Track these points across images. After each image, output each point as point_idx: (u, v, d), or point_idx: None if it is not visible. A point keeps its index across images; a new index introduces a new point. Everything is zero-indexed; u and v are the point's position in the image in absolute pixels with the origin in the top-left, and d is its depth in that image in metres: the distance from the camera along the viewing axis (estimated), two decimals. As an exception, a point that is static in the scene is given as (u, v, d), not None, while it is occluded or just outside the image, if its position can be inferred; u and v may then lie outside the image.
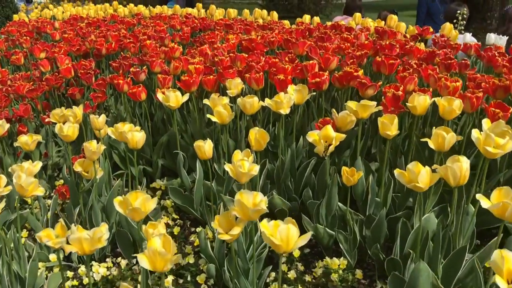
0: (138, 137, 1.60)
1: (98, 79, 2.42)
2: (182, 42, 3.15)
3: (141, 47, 2.96)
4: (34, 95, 2.37)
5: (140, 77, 2.31)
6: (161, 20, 3.87)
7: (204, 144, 1.50)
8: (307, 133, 1.46)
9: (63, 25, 4.17)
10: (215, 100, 1.76)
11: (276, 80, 1.82)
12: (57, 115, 2.02)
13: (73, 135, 1.77)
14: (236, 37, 2.97)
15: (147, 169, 2.30)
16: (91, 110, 2.27)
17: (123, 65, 2.55)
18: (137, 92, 2.10)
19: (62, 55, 2.83)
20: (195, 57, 2.45)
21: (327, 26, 3.15)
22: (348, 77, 1.80)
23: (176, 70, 2.30)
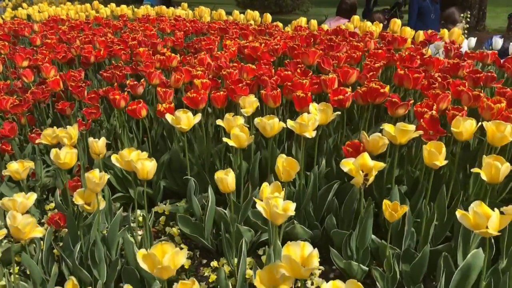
0: (149, 167, 1.42)
1: (90, 92, 2.21)
2: (175, 47, 2.96)
3: (132, 54, 2.76)
4: (19, 110, 2.15)
5: (138, 91, 2.12)
6: (149, 23, 3.65)
7: (227, 176, 1.33)
8: (325, 152, 1.32)
9: (42, 28, 3.90)
10: (230, 121, 1.60)
11: (295, 98, 1.67)
12: (49, 136, 1.82)
13: (71, 162, 1.58)
14: (234, 43, 2.79)
15: (147, 191, 2.11)
16: (84, 127, 2.06)
17: (116, 76, 2.34)
18: (137, 109, 1.92)
19: (47, 64, 2.60)
20: (194, 67, 2.27)
21: (329, 31, 3.00)
22: (374, 94, 1.66)
23: (178, 83, 2.11)
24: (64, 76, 2.41)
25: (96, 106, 2.08)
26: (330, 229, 1.62)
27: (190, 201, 1.72)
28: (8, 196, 2.09)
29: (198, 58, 2.38)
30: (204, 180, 1.92)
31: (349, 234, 1.52)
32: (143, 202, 2.10)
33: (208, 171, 1.96)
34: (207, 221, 1.70)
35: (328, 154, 1.82)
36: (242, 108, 1.70)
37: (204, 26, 3.38)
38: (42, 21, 4.61)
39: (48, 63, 2.71)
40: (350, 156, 1.47)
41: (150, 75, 2.15)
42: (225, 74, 1.93)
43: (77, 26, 3.60)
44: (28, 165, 1.63)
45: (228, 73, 1.92)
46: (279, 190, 1.25)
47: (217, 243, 1.79)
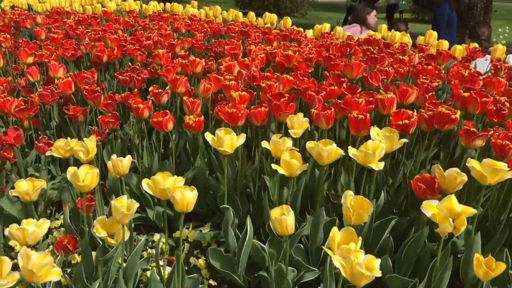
0: (189, 198, 1.19)
1: (105, 97, 1.98)
2: (194, 51, 2.73)
3: (147, 56, 2.53)
4: (25, 115, 1.90)
5: (163, 100, 1.88)
6: (163, 21, 3.41)
7: (287, 217, 1.11)
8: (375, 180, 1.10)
9: (45, 20, 3.64)
10: (278, 144, 1.37)
11: (352, 119, 1.45)
12: (61, 148, 1.58)
13: (91, 185, 1.34)
14: (259, 48, 2.57)
15: (168, 213, 1.88)
16: (100, 138, 1.83)
17: (135, 80, 2.11)
18: (163, 121, 1.68)
19: (54, 62, 2.35)
20: (223, 74, 2.04)
21: (360, 40, 2.79)
22: (443, 119, 1.44)
23: (207, 93, 1.89)
24: (75, 77, 2.17)
25: (114, 115, 1.85)
26: (384, 273, 1.40)
27: (225, 233, 1.50)
28: (10, 211, 1.86)
29: (225, 64, 2.15)
30: (235, 205, 1.69)
31: (414, 283, 1.31)
32: (162, 224, 1.89)
33: (240, 194, 1.74)
34: (243, 256, 1.47)
35: (380, 184, 1.60)
36: (290, 129, 1.48)
37: (222, 28, 3.15)
38: (44, 12, 4.34)
39: (55, 60, 2.46)
40: (423, 194, 1.26)
41: (175, 82, 1.92)
42: (263, 87, 1.71)
43: (85, 20, 3.35)
44: (39, 184, 1.39)
45: (268, 85, 1.70)
46: (354, 239, 1.03)
47: (250, 280, 1.57)
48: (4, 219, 1.87)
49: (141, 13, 3.99)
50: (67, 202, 1.95)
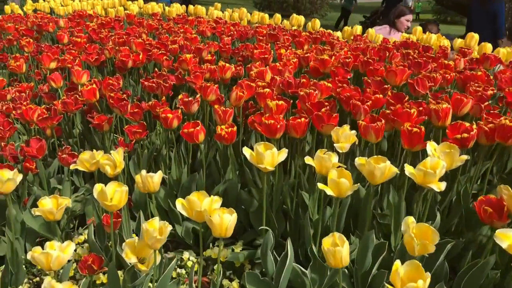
0: (228, 222, 1.07)
1: (132, 105, 1.87)
2: (222, 55, 2.62)
3: (173, 61, 2.42)
4: (48, 124, 1.81)
5: (193, 109, 1.77)
6: (188, 24, 3.30)
7: (342, 249, 0.97)
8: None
9: (67, 23, 3.57)
10: (324, 161, 1.24)
11: (405, 133, 1.31)
12: (87, 161, 1.48)
13: (120, 204, 1.23)
14: (290, 52, 2.44)
15: (197, 229, 1.76)
16: (126, 149, 1.72)
17: (162, 87, 2.00)
18: (194, 133, 1.57)
19: (78, 67, 2.26)
20: (255, 81, 1.92)
21: (397, 43, 2.64)
22: (507, 133, 1.29)
23: (239, 101, 1.76)
24: (99, 83, 2.07)
25: (142, 124, 1.74)
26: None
27: (264, 257, 1.37)
28: (32, 226, 1.77)
29: (256, 70, 2.03)
30: (271, 223, 1.57)
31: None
32: (191, 241, 1.77)
33: (276, 211, 1.61)
34: (282, 281, 1.34)
35: (432, 202, 1.46)
36: (335, 142, 1.34)
37: (249, 30, 3.03)
38: (66, 15, 4.29)
39: (78, 66, 2.37)
40: (489, 219, 1.11)
41: (206, 90, 1.80)
42: (302, 95, 1.58)
43: (108, 23, 3.26)
44: (64, 202, 1.28)
45: (307, 93, 1.57)
46: (421, 275, 0.90)
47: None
48: (26, 233, 1.78)
49: (164, 16, 3.90)
50: (91, 215, 1.85)
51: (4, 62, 3.09)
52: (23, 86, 2.46)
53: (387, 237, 1.48)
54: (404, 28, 4.04)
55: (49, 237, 1.78)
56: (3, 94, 2.33)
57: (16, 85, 2.56)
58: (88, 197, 1.98)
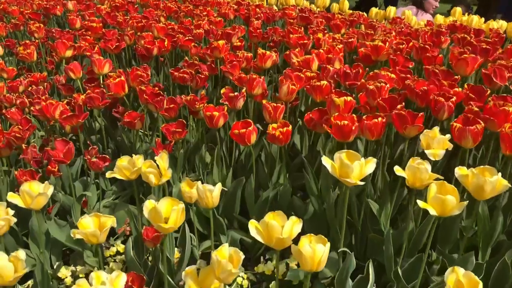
0: (322, 254, 0.87)
1: (167, 100, 1.65)
2: (252, 40, 2.39)
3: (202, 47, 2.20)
4: (73, 123, 1.59)
5: (238, 104, 1.56)
6: (209, 6, 3.06)
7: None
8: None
9: (76, 6, 3.32)
10: (418, 172, 1.04)
11: (507, 137, 1.10)
12: (126, 169, 1.28)
13: (177, 225, 1.03)
14: (329, 37, 2.22)
15: (245, 240, 1.57)
16: (165, 151, 1.51)
17: (197, 78, 1.78)
18: (246, 134, 1.36)
19: (98, 56, 2.04)
20: (301, 71, 1.71)
21: (442, 25, 2.42)
22: None
23: (291, 95, 1.56)
24: (125, 75, 1.85)
25: (181, 122, 1.53)
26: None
27: (341, 284, 1.17)
28: (58, 238, 1.57)
29: (302, 58, 1.81)
30: (335, 236, 1.37)
31: None
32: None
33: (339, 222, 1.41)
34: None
35: None
36: (425, 148, 1.14)
37: (277, 13, 2.80)
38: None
39: (98, 54, 2.15)
40: None
41: (251, 82, 1.59)
42: (371, 89, 1.36)
43: (122, 6, 3.02)
44: (108, 223, 1.08)
45: (378, 87, 1.35)
46: None
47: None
48: (52, 245, 1.59)
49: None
50: (121, 222, 1.66)
51: (11, 49, 2.86)
52: (35, 76, 2.24)
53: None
54: (432, 8, 3.81)
55: (78, 249, 1.59)
56: (15, 85, 2.10)
57: (28, 75, 2.33)
58: (117, 201, 1.79)
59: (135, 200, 1.85)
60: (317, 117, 1.40)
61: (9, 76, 2.30)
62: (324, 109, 1.43)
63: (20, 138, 1.56)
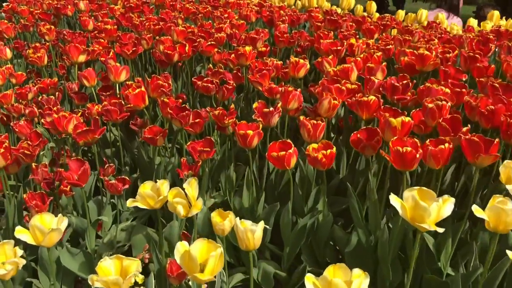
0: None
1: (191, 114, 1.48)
2: (278, 45, 2.22)
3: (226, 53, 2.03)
4: (89, 138, 1.43)
5: (273, 121, 1.39)
6: (229, 7, 2.89)
7: None
8: None
9: (87, 6, 3.16)
10: (503, 213, 0.87)
11: None
12: (150, 198, 1.11)
13: (214, 273, 0.86)
14: (363, 43, 2.05)
15: (279, 273, 1.39)
16: (190, 172, 1.35)
17: (224, 90, 1.61)
18: (286, 157, 1.19)
19: (114, 62, 1.88)
20: (336, 80, 1.54)
21: (484, 32, 2.24)
22: None
23: (333, 111, 1.38)
24: (144, 83, 1.69)
25: (208, 141, 1.36)
26: None
27: None
28: (69, 267, 1.41)
29: (340, 67, 1.64)
30: (385, 274, 1.20)
31: None
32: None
33: (392, 259, 1.24)
34: None
35: None
36: (506, 183, 0.96)
37: (302, 15, 2.62)
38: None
39: (113, 59, 1.99)
40: None
41: (286, 96, 1.42)
42: (431, 108, 1.18)
43: (136, 7, 2.86)
44: (132, 268, 0.92)
45: (439, 105, 1.18)
46: None
47: None
48: (63, 274, 1.43)
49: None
50: (139, 248, 1.49)
51: (19, 51, 2.71)
52: (45, 82, 2.08)
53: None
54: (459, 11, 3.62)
55: (91, 279, 1.42)
56: (24, 93, 1.95)
57: (37, 81, 2.18)
58: (134, 224, 1.62)
59: (153, 221, 1.71)
60: (366, 138, 1.23)
61: (18, 81, 2.15)
62: (374, 128, 1.26)
63: (30, 155, 1.41)
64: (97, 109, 1.72)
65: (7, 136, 1.44)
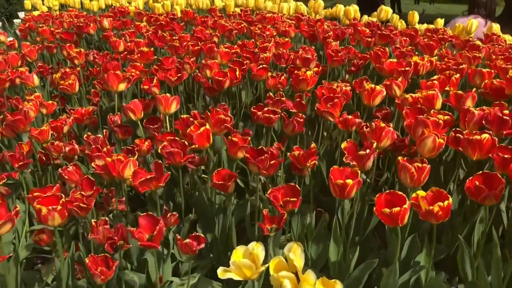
0: None
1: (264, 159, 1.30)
2: (331, 65, 2.04)
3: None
4: (152, 187, 1.25)
5: (368, 164, 1.21)
6: (265, 22, 2.71)
7: None
8: None
9: (111, 23, 2.99)
10: None
11: None
12: (248, 269, 0.94)
13: None
14: (428, 61, 1.88)
15: None
16: (275, 227, 1.16)
17: (295, 123, 1.44)
18: (401, 213, 1.01)
19: (157, 90, 1.70)
20: (421, 109, 1.36)
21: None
22: None
23: (437, 151, 1.20)
24: (199, 116, 1.51)
25: (293, 188, 1.18)
26: None
27: None
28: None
29: (423, 94, 1.46)
30: None
31: None
32: None
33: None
34: None
35: None
36: None
37: (346, 29, 2.45)
38: (100, 13, 3.71)
39: (156, 87, 1.81)
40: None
41: (379, 133, 1.24)
42: None
43: (167, 24, 2.68)
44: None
45: None
46: None
47: None
48: None
49: (224, 11, 3.31)
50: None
51: (44, 76, 2.53)
52: (79, 112, 1.91)
53: None
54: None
55: None
56: (59, 126, 1.77)
57: (70, 111, 2.00)
58: (195, 275, 1.44)
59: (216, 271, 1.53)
60: (487, 186, 1.05)
61: (48, 111, 1.96)
62: (492, 173, 1.08)
63: (85, 208, 1.22)
64: (147, 145, 1.55)
65: (59, 187, 1.25)
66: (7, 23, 4.89)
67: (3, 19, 5.04)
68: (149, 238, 1.10)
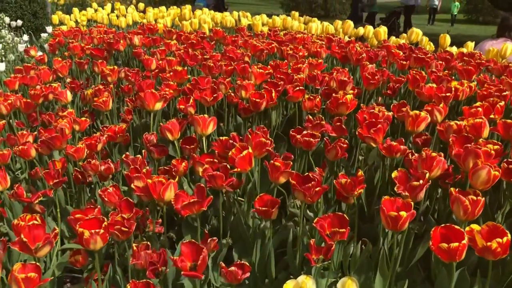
0: None
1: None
2: (367, 88, 2.01)
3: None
4: (194, 211, 1.22)
5: (421, 195, 1.16)
6: (295, 42, 2.70)
7: None
8: None
9: (141, 40, 3.01)
10: None
11: None
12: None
13: None
14: (467, 87, 1.84)
15: None
16: (321, 257, 1.12)
17: (338, 149, 1.40)
18: (460, 248, 0.97)
19: (193, 110, 1.68)
20: (468, 138, 1.32)
21: None
22: None
23: (492, 183, 1.16)
24: (238, 138, 1.49)
25: (340, 218, 1.14)
26: None
27: None
28: None
29: (470, 123, 1.42)
30: None
31: None
32: None
33: None
34: None
35: None
36: None
37: (379, 52, 2.42)
38: (128, 29, 3.74)
39: (192, 107, 1.80)
40: None
41: (430, 163, 1.20)
42: None
43: (197, 42, 2.68)
44: None
45: None
46: None
47: None
48: None
49: (252, 30, 3.31)
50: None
51: (75, 91, 2.54)
52: (112, 130, 1.90)
53: None
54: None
55: None
56: (94, 144, 1.76)
57: (103, 129, 1.99)
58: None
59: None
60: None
61: (81, 128, 1.96)
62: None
63: (126, 232, 1.20)
64: (184, 166, 1.52)
65: (100, 209, 1.23)
66: (34, 37, 4.97)
67: (30, 33, 5.12)
68: (192, 267, 1.08)
